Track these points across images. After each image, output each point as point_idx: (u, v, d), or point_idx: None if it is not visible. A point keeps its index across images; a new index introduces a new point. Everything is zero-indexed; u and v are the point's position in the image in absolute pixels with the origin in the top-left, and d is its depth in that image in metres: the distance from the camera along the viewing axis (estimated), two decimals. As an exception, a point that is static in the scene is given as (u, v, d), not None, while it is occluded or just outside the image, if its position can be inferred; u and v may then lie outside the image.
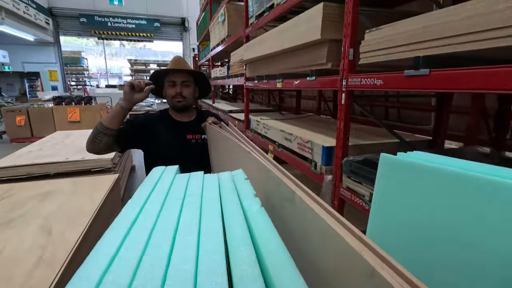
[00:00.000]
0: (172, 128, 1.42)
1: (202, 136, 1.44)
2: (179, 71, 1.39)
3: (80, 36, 13.54)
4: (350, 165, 1.26)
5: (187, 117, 1.48)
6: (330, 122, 2.51)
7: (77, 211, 1.44)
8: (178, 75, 1.38)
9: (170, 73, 1.39)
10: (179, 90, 1.38)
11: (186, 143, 1.42)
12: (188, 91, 1.42)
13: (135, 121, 1.40)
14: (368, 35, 1.13)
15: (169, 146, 1.38)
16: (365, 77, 1.14)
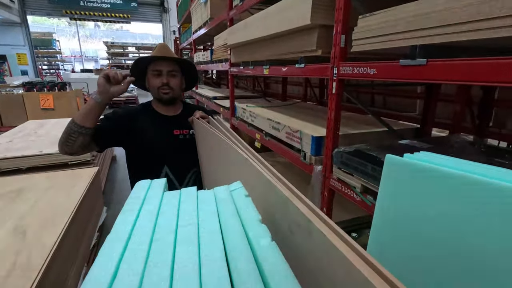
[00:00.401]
0: (156, 123, 1.30)
1: (190, 131, 1.33)
2: (165, 59, 1.25)
3: (50, 16, 12.65)
4: (341, 157, 1.24)
5: (173, 110, 1.35)
6: (317, 110, 2.48)
7: (54, 209, 1.34)
8: (164, 64, 1.25)
9: (155, 61, 1.25)
10: (166, 81, 1.25)
11: (173, 139, 1.30)
12: (175, 81, 1.29)
13: (114, 116, 1.25)
14: (361, 21, 1.08)
15: (155, 143, 1.26)
16: (357, 66, 1.10)
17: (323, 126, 1.72)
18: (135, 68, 1.27)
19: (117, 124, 1.23)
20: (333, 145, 1.33)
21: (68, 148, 1.09)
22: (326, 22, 1.34)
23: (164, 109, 1.33)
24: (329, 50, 1.37)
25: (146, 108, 1.35)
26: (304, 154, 1.57)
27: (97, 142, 1.16)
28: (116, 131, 1.22)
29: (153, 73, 1.26)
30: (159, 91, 1.27)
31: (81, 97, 5.65)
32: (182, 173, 1.32)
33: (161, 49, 1.27)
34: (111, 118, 1.24)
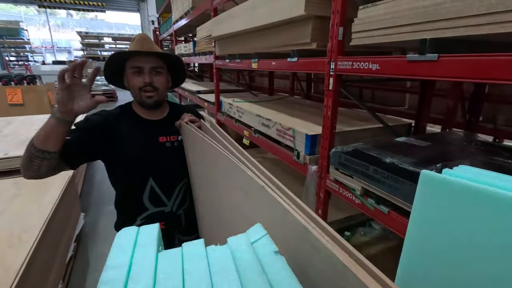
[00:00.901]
0: (138, 129, 1.10)
1: (179, 137, 1.14)
2: (147, 54, 1.04)
3: (17, 3, 11.75)
4: (339, 157, 1.17)
5: (157, 113, 1.15)
6: (307, 105, 2.41)
7: (21, 223, 1.19)
8: (146, 59, 1.03)
9: (134, 56, 1.04)
10: (148, 80, 1.03)
11: (159, 148, 1.11)
12: (160, 80, 1.07)
13: (86, 126, 1.03)
14: (362, 12, 1.00)
15: (137, 154, 1.07)
16: (358, 61, 1.02)
17: (316, 123, 1.65)
18: (111, 64, 1.07)
19: (91, 135, 1.01)
20: (330, 144, 1.26)
21: (33, 174, 0.90)
22: (321, 13, 1.25)
23: (147, 113, 1.13)
24: (325, 44, 1.29)
25: (126, 112, 1.13)
26: (297, 153, 1.49)
27: (68, 162, 0.95)
28: (90, 144, 1.01)
29: (132, 71, 1.04)
30: (141, 93, 1.05)
31: (53, 90, 5.29)
32: (170, 186, 1.15)
33: (141, 41, 1.05)
34: (83, 128, 1.01)
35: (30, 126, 2.41)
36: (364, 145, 1.22)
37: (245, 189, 0.58)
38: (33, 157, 0.85)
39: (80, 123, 1.04)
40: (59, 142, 0.86)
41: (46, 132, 0.84)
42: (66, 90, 0.82)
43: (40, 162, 0.86)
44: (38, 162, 0.86)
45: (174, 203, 1.17)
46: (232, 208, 0.66)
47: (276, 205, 0.47)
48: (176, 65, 1.16)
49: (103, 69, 1.07)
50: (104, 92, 8.04)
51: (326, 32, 1.29)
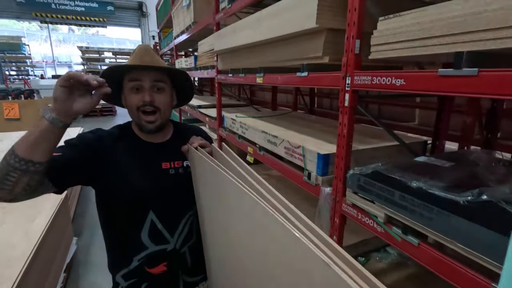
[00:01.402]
0: (138, 153, 0.95)
1: (184, 163, 1.00)
2: (148, 68, 0.90)
3: (20, 19, 11.89)
4: (357, 180, 1.06)
5: (160, 135, 1.00)
6: (312, 120, 2.33)
7: (6, 254, 1.07)
8: (146, 74, 0.89)
9: (133, 70, 0.90)
10: (148, 98, 0.88)
11: (162, 176, 0.96)
12: (163, 98, 0.92)
13: (79, 143, 0.88)
14: (382, 24, 0.93)
15: (136, 183, 0.92)
16: (379, 76, 0.93)
17: (326, 140, 1.56)
18: (107, 79, 0.91)
19: (84, 155, 0.86)
20: (346, 165, 1.16)
21: (4, 193, 0.71)
22: (334, 25, 1.19)
23: (148, 136, 0.99)
24: (337, 57, 1.21)
25: (125, 132, 0.99)
26: (308, 174, 1.39)
27: (54, 181, 0.80)
28: (82, 165, 0.86)
29: (131, 87, 0.90)
30: (139, 114, 0.90)
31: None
32: (174, 220, 0.99)
33: (141, 54, 0.91)
34: (75, 145, 0.87)
35: (24, 143, 2.30)
36: (383, 166, 1.12)
37: (272, 234, 0.48)
38: (10, 170, 0.68)
39: (72, 139, 0.90)
40: (49, 151, 0.72)
41: (34, 136, 0.69)
42: (65, 85, 0.69)
43: (19, 176, 0.69)
44: (16, 177, 0.69)
45: (178, 239, 0.99)
46: (253, 253, 0.55)
47: (316, 261, 0.36)
48: (182, 80, 1.02)
49: None
50: (102, 107, 7.98)
51: (338, 45, 1.22)
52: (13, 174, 0.69)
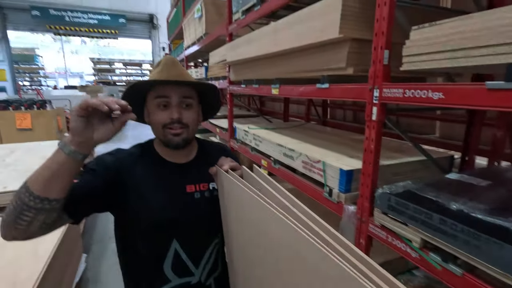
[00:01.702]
0: (161, 176, 0.87)
1: (210, 186, 0.91)
2: (177, 83, 0.83)
3: (34, 32, 12.26)
4: (388, 200, 0.99)
5: (184, 155, 0.92)
6: (327, 132, 2.26)
7: (12, 276, 1.01)
8: (175, 89, 0.83)
9: (159, 85, 0.83)
10: (177, 115, 0.82)
11: (187, 201, 0.87)
12: (191, 115, 0.86)
13: (99, 168, 0.80)
14: (416, 33, 0.87)
15: (160, 210, 0.83)
16: (413, 88, 0.87)
17: (346, 154, 1.49)
18: (129, 93, 0.85)
19: (104, 181, 0.79)
20: (373, 182, 1.08)
21: (19, 233, 0.65)
22: (358, 35, 1.13)
23: (172, 154, 0.90)
24: (362, 68, 1.16)
25: (146, 152, 0.90)
26: (329, 190, 1.31)
27: (72, 214, 0.72)
28: (102, 193, 0.78)
29: (156, 103, 0.83)
30: (165, 131, 0.83)
31: (62, 115, 5.27)
32: (199, 250, 0.89)
33: (168, 67, 0.84)
34: (93, 170, 0.80)
35: (35, 154, 2.29)
36: (414, 185, 1.04)
37: (323, 273, 0.41)
38: (25, 209, 0.62)
39: (91, 163, 0.83)
40: (67, 186, 0.65)
41: (50, 171, 0.62)
42: (83, 114, 0.62)
43: (34, 215, 0.63)
44: (31, 216, 0.62)
45: (203, 271, 0.90)
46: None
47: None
48: (210, 96, 0.95)
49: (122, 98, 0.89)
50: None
51: (362, 55, 1.17)
52: (27, 214, 0.63)
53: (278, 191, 0.60)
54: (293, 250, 0.49)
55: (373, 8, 1.13)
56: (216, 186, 0.89)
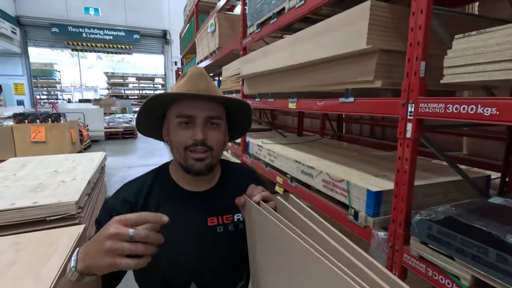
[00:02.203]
0: (179, 208, 0.74)
1: (235, 217, 0.78)
2: (203, 97, 0.71)
3: (53, 48, 12.74)
4: (428, 228, 0.87)
5: (206, 181, 0.80)
6: (347, 148, 2.15)
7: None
8: (201, 106, 0.71)
9: (183, 100, 0.71)
10: (201, 136, 0.70)
11: (208, 237, 0.75)
12: (217, 135, 0.73)
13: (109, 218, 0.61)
14: (460, 42, 0.78)
15: (175, 249, 0.71)
16: (457, 103, 0.77)
17: (371, 173, 1.38)
18: (148, 107, 0.73)
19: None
20: (408, 206, 0.97)
21: None
22: (386, 46, 1.05)
23: (191, 181, 0.78)
24: (391, 82, 1.07)
25: (160, 182, 0.78)
26: (354, 213, 1.20)
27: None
28: None
29: (178, 121, 0.71)
30: (187, 155, 0.71)
31: (75, 128, 5.33)
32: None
33: (195, 79, 0.72)
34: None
35: (46, 168, 2.26)
36: (455, 210, 0.93)
37: None
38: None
39: (100, 216, 0.70)
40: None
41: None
42: (115, 240, 0.49)
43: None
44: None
45: None
46: None
47: None
48: (240, 112, 0.81)
49: (137, 115, 0.76)
50: (124, 129, 8.12)
51: (391, 68, 1.08)
52: None
53: (322, 227, 0.50)
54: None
55: (404, 17, 1.06)
56: (242, 218, 0.75)
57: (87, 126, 6.77)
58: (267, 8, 1.98)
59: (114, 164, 4.96)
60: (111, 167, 4.63)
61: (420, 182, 1.22)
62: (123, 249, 0.48)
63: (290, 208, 0.58)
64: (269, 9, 1.94)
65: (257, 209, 0.61)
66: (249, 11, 2.32)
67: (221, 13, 3.30)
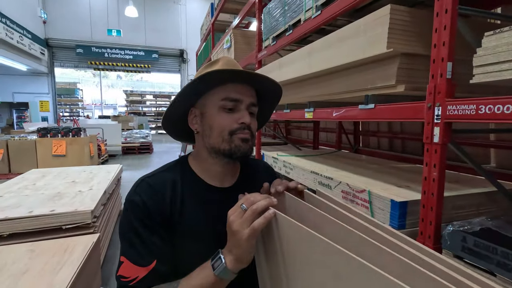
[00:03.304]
0: (204, 205, 0.70)
1: None
2: (251, 78, 0.67)
3: (77, 68, 13.44)
4: (463, 240, 0.80)
5: (230, 175, 0.76)
6: (365, 160, 2.08)
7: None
8: (245, 90, 0.68)
9: (227, 82, 0.67)
10: (249, 120, 0.67)
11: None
12: (255, 123, 0.72)
13: (150, 222, 0.63)
14: (490, 40, 0.74)
15: (203, 245, 0.67)
16: (490, 103, 0.72)
17: (393, 184, 1.31)
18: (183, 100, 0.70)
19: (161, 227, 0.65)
20: (437, 217, 0.90)
21: None
22: (408, 49, 1.02)
23: (215, 175, 0.73)
24: (413, 86, 1.03)
25: (185, 175, 0.72)
26: (377, 225, 1.12)
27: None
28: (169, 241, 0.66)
29: (223, 104, 0.67)
30: (232, 138, 0.67)
31: (94, 142, 5.48)
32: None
33: (233, 65, 0.70)
34: (146, 224, 0.63)
35: (64, 179, 2.30)
36: (492, 221, 0.85)
37: None
38: None
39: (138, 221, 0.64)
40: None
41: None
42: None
43: None
44: None
45: None
46: None
47: None
48: (267, 104, 0.80)
49: (168, 108, 0.72)
50: (141, 144, 8.30)
51: (413, 72, 1.05)
52: None
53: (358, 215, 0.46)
54: None
55: (425, 20, 1.03)
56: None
57: (105, 140, 6.96)
58: (282, 21, 2.00)
59: (130, 178, 5.03)
60: (127, 180, 4.69)
61: (449, 194, 1.15)
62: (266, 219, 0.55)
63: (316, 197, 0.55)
64: (284, 22, 1.97)
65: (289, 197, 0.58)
66: (265, 25, 2.36)
67: (237, 29, 3.38)
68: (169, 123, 0.76)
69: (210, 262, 0.59)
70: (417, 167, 1.77)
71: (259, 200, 0.56)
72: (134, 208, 0.64)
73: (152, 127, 14.48)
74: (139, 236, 0.62)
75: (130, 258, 0.61)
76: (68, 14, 11.72)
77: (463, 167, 1.83)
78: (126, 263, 0.61)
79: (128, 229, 0.63)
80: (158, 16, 12.94)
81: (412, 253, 0.41)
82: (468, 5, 0.90)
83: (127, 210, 0.65)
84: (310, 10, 1.64)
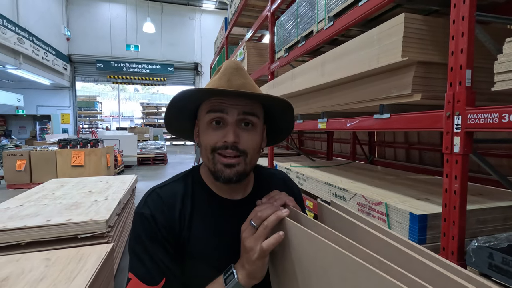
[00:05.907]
0: (212, 218, 0.67)
1: None
2: (235, 94, 0.60)
3: (97, 82, 14.01)
4: (490, 257, 0.75)
5: (241, 188, 0.71)
6: (381, 172, 2.02)
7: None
8: (234, 102, 0.61)
9: (215, 96, 0.62)
10: (232, 138, 0.60)
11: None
12: (252, 138, 0.63)
13: (157, 235, 0.61)
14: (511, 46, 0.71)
15: (214, 258, 0.64)
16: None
17: (412, 196, 1.26)
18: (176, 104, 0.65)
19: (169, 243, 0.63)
20: (460, 232, 0.85)
21: None
22: (423, 57, 1.00)
23: (224, 188, 0.69)
24: (429, 95, 1.00)
25: (196, 187, 0.69)
26: (395, 239, 1.08)
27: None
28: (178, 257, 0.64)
29: (208, 119, 0.62)
30: (215, 158, 0.62)
31: (111, 153, 5.63)
32: None
33: (229, 73, 0.62)
34: (155, 239, 0.61)
35: (81, 189, 2.36)
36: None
37: None
38: None
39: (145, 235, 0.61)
40: None
41: None
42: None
43: None
44: None
45: None
46: None
47: None
48: (281, 113, 0.69)
49: (165, 112, 0.69)
50: (155, 155, 8.44)
51: (429, 80, 1.02)
52: None
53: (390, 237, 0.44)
54: None
55: (441, 28, 1.02)
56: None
57: (121, 151, 7.13)
58: (295, 32, 2.02)
59: (144, 188, 5.10)
60: (142, 190, 4.75)
61: (472, 207, 1.09)
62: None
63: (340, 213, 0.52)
64: (297, 34, 1.99)
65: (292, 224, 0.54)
66: (277, 37, 2.39)
67: (250, 42, 3.44)
68: (174, 130, 0.75)
69: (223, 276, 0.58)
70: (436, 178, 1.70)
71: (269, 215, 0.55)
72: (143, 221, 0.62)
73: (167, 138, 14.74)
74: (148, 252, 0.60)
75: (138, 275, 0.59)
76: (89, 31, 12.36)
77: (485, 179, 1.75)
78: (134, 281, 0.59)
79: (137, 244, 0.61)
80: (174, 31, 13.43)
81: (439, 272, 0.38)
82: (486, 11, 0.88)
83: (136, 223, 0.63)
84: (323, 21, 1.65)
